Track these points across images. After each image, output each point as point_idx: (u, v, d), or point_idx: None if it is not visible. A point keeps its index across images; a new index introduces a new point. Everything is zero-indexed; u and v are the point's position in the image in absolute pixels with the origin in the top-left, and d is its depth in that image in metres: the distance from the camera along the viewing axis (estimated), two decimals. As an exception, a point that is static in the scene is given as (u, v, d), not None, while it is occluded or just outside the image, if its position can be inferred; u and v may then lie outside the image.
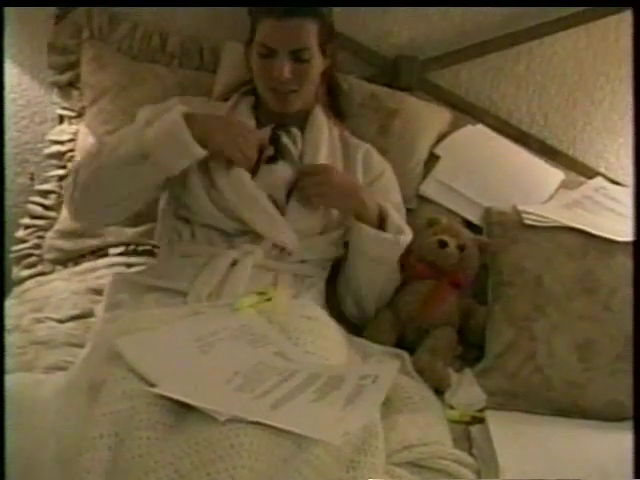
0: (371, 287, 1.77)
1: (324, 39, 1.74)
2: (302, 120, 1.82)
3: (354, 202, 1.71)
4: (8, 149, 2.22)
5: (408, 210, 1.96)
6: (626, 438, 1.51)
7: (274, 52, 1.69)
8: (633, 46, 1.75)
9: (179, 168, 1.62)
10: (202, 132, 1.60)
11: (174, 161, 1.61)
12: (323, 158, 1.78)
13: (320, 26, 1.71)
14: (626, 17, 2.12)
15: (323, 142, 1.80)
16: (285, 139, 1.76)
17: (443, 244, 1.78)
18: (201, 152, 1.60)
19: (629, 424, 1.56)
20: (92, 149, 1.70)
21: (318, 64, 1.75)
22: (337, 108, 1.93)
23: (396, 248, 1.72)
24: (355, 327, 1.76)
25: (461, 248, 1.79)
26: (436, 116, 2.13)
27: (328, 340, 1.54)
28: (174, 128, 1.59)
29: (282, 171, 1.73)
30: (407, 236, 1.73)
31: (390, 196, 1.86)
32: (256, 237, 1.68)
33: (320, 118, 1.83)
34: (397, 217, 1.74)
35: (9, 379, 1.43)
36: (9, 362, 1.50)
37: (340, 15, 2.07)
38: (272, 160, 1.72)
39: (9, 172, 2.23)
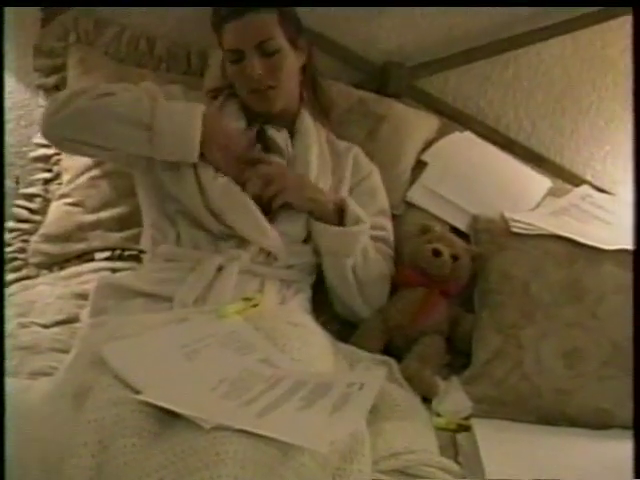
0: (345, 284, 1.76)
1: (289, 29, 1.74)
2: (289, 123, 1.81)
3: (308, 194, 1.72)
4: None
5: (395, 216, 1.96)
6: (613, 446, 1.54)
7: (241, 53, 1.70)
8: (633, 46, 1.77)
9: (168, 158, 1.64)
10: (207, 141, 1.64)
11: (170, 150, 1.63)
12: (314, 161, 1.78)
13: (280, 16, 1.72)
14: (612, 25, 2.14)
15: (313, 146, 1.80)
16: (271, 132, 1.76)
17: (437, 253, 1.77)
18: (195, 159, 1.64)
19: (616, 432, 1.59)
20: (105, 87, 1.69)
21: (290, 56, 1.74)
22: (321, 110, 1.92)
23: (352, 239, 1.72)
24: (342, 333, 1.75)
25: (454, 258, 1.79)
26: (423, 122, 2.13)
27: (315, 347, 1.53)
28: (189, 124, 1.62)
29: None
30: (363, 225, 1.72)
31: (376, 198, 1.87)
32: (242, 241, 1.68)
33: (307, 121, 1.83)
34: (355, 208, 1.74)
35: None
36: None
37: (328, 21, 2.11)
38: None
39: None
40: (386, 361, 1.66)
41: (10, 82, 2.16)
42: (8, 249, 1.98)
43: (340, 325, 1.80)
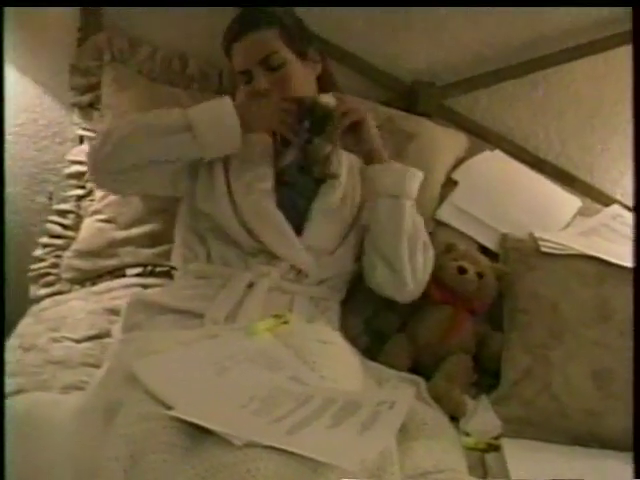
0: (398, 237, 1.70)
1: (293, 41, 1.74)
2: None
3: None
4: (28, 168, 2.25)
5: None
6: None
7: (250, 73, 1.71)
8: (633, 46, 1.76)
9: (216, 152, 1.66)
10: (247, 120, 1.65)
11: (214, 142, 1.64)
12: (343, 162, 1.79)
13: (282, 30, 1.72)
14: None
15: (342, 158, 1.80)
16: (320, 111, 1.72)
17: (463, 270, 1.77)
18: (239, 145, 1.65)
19: (647, 454, 1.57)
20: (131, 118, 1.73)
21: (298, 68, 1.74)
22: None
23: (414, 181, 1.71)
24: (371, 350, 1.75)
25: (480, 275, 1.79)
26: (453, 140, 2.14)
27: (344, 365, 1.53)
28: (225, 112, 1.64)
29: (305, 183, 1.75)
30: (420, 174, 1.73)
31: None
32: (272, 258, 1.69)
33: None
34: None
35: (26, 398, 1.46)
36: (26, 381, 1.52)
37: (358, 40, 2.12)
38: (309, 140, 1.71)
39: (28, 191, 2.25)
40: (414, 380, 1.66)
41: (46, 100, 2.19)
42: (41, 264, 1.99)
43: (369, 341, 1.80)
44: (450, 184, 2.08)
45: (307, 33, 1.82)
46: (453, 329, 1.75)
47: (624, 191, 2.28)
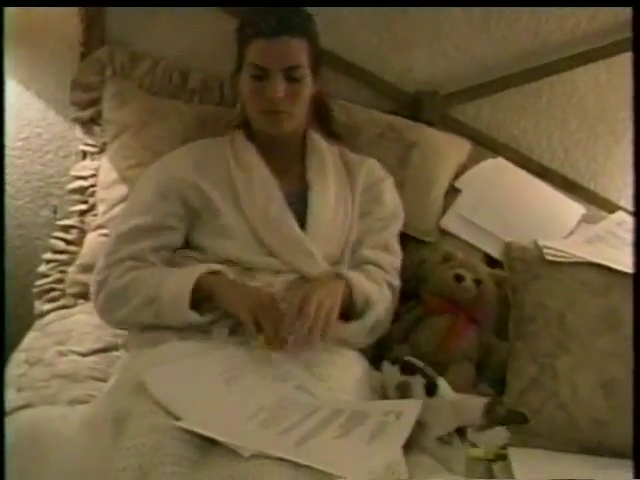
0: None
1: (314, 59, 1.74)
2: (297, 145, 1.81)
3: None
4: (33, 182, 2.26)
5: (428, 245, 1.98)
6: (653, 477, 1.51)
7: (266, 72, 1.68)
8: (633, 46, 1.76)
9: (178, 325, 1.61)
10: (222, 299, 1.61)
11: (172, 319, 1.61)
12: (330, 183, 1.78)
13: (310, 45, 1.72)
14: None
15: (328, 167, 1.80)
16: None
17: (459, 278, 1.78)
18: (198, 320, 1.59)
19: (656, 463, 1.57)
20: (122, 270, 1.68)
21: (310, 85, 1.74)
22: (330, 131, 1.90)
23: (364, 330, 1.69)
24: (377, 357, 1.73)
25: (478, 282, 1.79)
26: (455, 147, 2.15)
27: (351, 375, 1.54)
28: (181, 294, 1.59)
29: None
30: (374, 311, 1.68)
31: (383, 205, 1.84)
32: (275, 270, 1.69)
33: (319, 143, 1.83)
34: (363, 286, 1.68)
35: (33, 412, 1.46)
36: (33, 395, 1.54)
37: (362, 51, 2.13)
38: None
39: (33, 205, 2.26)
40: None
41: (50, 114, 2.21)
42: (46, 280, 2.00)
43: (373, 352, 1.78)
44: (454, 192, 2.09)
45: (322, 50, 1.82)
46: (451, 337, 1.75)
47: (629, 198, 2.27)
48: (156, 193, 1.71)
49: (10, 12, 1.57)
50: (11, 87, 2.06)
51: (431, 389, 1.52)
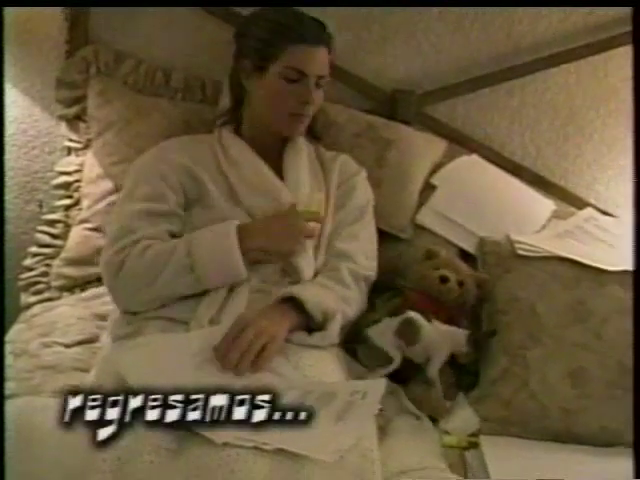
0: None
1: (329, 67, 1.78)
2: (279, 143, 1.83)
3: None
4: (19, 178, 2.26)
5: (402, 240, 2.00)
6: (618, 464, 1.55)
7: (302, 76, 1.71)
8: (633, 46, 1.79)
9: (222, 285, 1.63)
10: (252, 247, 1.63)
11: (219, 281, 1.62)
12: (305, 179, 1.80)
13: (330, 56, 1.77)
14: (614, 54, 2.18)
15: (303, 164, 1.82)
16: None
17: (445, 280, 1.79)
18: (245, 277, 1.62)
19: (622, 450, 1.61)
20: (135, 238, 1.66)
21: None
22: (312, 131, 1.91)
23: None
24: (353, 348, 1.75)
25: (460, 284, 1.81)
26: (431, 146, 2.17)
27: (328, 364, 1.56)
28: (226, 250, 1.61)
29: None
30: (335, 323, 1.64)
31: (353, 196, 1.85)
32: (251, 263, 1.68)
33: (299, 142, 1.85)
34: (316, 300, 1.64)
35: (17, 403, 1.46)
36: (17, 386, 1.54)
37: (340, 51, 2.13)
38: None
39: (19, 200, 2.26)
40: (394, 390, 1.67)
41: (35, 111, 2.22)
42: (31, 273, 2.01)
43: (350, 338, 1.78)
44: (429, 189, 2.10)
45: None
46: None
47: (597, 195, 2.31)
48: (162, 182, 1.71)
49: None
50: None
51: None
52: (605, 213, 2.25)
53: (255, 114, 1.80)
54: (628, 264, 1.79)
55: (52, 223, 2.08)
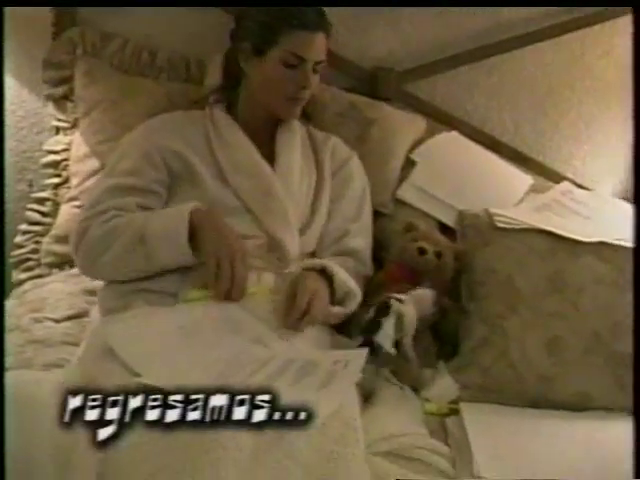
0: None
1: None
2: (274, 125, 1.86)
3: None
4: (8, 157, 2.24)
5: (384, 214, 2.03)
6: (592, 426, 1.60)
7: (301, 61, 1.74)
8: (633, 46, 1.82)
9: (171, 265, 1.63)
10: (201, 236, 1.61)
11: (167, 258, 1.62)
12: (296, 164, 1.83)
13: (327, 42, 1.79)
14: (590, 32, 2.21)
15: (296, 147, 1.85)
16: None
17: (422, 251, 1.81)
18: (192, 261, 1.61)
19: (594, 414, 1.66)
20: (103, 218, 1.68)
21: None
22: (303, 111, 1.92)
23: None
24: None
25: (438, 255, 1.83)
26: (412, 123, 2.19)
27: (312, 335, 1.59)
28: (175, 228, 1.60)
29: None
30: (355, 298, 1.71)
31: (350, 186, 1.89)
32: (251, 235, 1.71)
33: (293, 124, 1.88)
34: (343, 277, 1.70)
35: (9, 376, 1.47)
36: (9, 360, 1.54)
37: None
38: None
39: (9, 180, 2.27)
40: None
41: (23, 92, 2.24)
42: (21, 250, 2.05)
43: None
44: (410, 165, 2.13)
45: None
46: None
47: (574, 169, 2.35)
48: (142, 158, 1.72)
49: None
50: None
51: None
52: (581, 187, 2.28)
53: (252, 96, 1.83)
54: (603, 236, 1.82)
55: (41, 201, 2.11)
